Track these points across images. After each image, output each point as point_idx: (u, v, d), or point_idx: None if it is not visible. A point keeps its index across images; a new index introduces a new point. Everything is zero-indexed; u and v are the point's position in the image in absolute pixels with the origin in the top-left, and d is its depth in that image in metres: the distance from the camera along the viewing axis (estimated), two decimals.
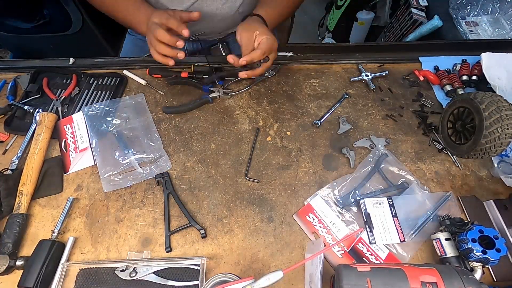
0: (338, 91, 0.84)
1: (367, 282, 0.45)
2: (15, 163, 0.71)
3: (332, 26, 2.09)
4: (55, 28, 1.58)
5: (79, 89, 0.83)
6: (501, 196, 0.69)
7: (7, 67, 0.89)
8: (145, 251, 0.62)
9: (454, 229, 0.58)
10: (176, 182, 0.70)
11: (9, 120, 0.78)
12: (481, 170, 0.72)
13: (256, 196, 0.68)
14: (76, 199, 0.68)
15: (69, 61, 0.87)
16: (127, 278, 0.58)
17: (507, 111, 0.59)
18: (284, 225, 0.65)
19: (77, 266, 0.60)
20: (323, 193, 0.68)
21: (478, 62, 0.85)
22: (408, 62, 0.90)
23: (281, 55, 0.88)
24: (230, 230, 0.64)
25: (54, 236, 0.61)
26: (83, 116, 0.77)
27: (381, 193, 0.68)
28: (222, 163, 0.72)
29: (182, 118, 0.79)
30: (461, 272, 0.47)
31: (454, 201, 0.67)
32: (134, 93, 0.83)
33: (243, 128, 0.78)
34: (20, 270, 0.58)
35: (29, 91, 0.82)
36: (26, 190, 0.66)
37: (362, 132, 0.77)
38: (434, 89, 0.85)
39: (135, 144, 0.74)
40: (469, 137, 0.66)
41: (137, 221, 0.65)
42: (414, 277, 0.45)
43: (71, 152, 0.73)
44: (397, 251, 0.62)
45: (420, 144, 0.76)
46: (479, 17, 1.43)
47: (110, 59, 0.90)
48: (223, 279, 0.51)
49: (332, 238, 0.64)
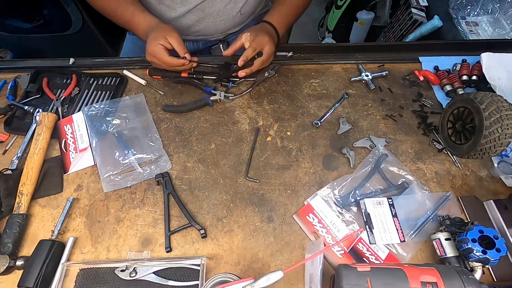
0: (338, 91, 0.84)
1: (367, 282, 0.45)
2: (15, 163, 0.71)
3: (332, 26, 2.08)
4: (55, 28, 1.58)
5: (79, 89, 0.83)
6: (501, 196, 0.69)
7: (7, 67, 0.89)
8: (145, 251, 0.62)
9: (454, 229, 0.58)
10: (176, 182, 0.70)
11: (9, 120, 0.78)
12: (481, 170, 0.72)
13: (256, 196, 0.68)
14: (76, 199, 0.68)
15: (69, 61, 0.88)
16: (127, 278, 0.58)
17: (507, 111, 0.59)
18: (284, 225, 0.65)
19: (77, 266, 0.60)
20: (323, 193, 0.68)
21: (478, 62, 0.85)
22: (408, 62, 0.90)
23: (281, 55, 0.88)
24: (230, 230, 0.64)
25: (54, 236, 0.61)
26: (83, 116, 0.77)
27: (381, 193, 0.68)
28: (222, 163, 0.72)
29: (182, 118, 0.79)
30: (461, 272, 0.47)
31: (454, 201, 0.67)
32: (134, 93, 0.83)
33: (243, 128, 0.78)
34: (20, 270, 0.58)
35: (29, 91, 0.82)
36: (26, 190, 0.66)
37: (362, 132, 0.77)
38: (434, 89, 0.85)
39: (135, 144, 0.74)
40: (469, 137, 0.66)
41: (137, 221, 0.65)
42: (414, 277, 0.45)
43: (71, 152, 0.73)
44: (397, 251, 0.62)
45: (420, 144, 0.76)
46: (479, 17, 1.42)
47: (110, 59, 0.90)
48: (223, 279, 0.51)
49: (332, 238, 0.64)
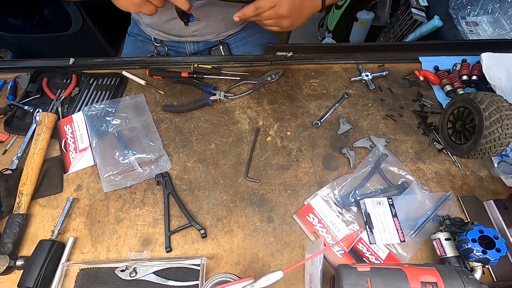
0: (338, 91, 0.84)
1: (367, 282, 0.45)
2: (15, 163, 0.71)
3: (332, 26, 2.08)
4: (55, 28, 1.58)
5: (79, 89, 0.83)
6: (501, 196, 0.69)
7: (7, 67, 0.89)
8: (145, 251, 0.62)
9: (454, 229, 0.58)
10: (176, 182, 0.70)
11: (9, 120, 0.78)
12: (481, 170, 0.72)
13: (256, 196, 0.68)
14: (76, 199, 0.68)
15: (69, 61, 0.87)
16: (127, 278, 0.58)
17: (507, 111, 0.59)
18: (284, 225, 0.65)
19: (77, 266, 0.60)
20: (323, 193, 0.68)
21: (478, 62, 0.85)
22: (408, 62, 0.90)
23: (281, 55, 0.88)
24: (230, 230, 0.64)
25: (54, 236, 0.61)
26: (83, 116, 0.77)
27: (381, 193, 0.68)
28: (222, 163, 0.72)
29: (182, 118, 0.79)
30: (461, 272, 0.47)
31: (454, 201, 0.67)
32: (134, 93, 0.83)
33: (243, 128, 0.78)
34: (20, 270, 0.58)
35: (29, 91, 0.82)
36: (26, 190, 0.66)
37: (362, 132, 0.77)
38: (434, 89, 0.85)
39: (135, 144, 0.74)
40: (469, 137, 0.66)
41: (137, 221, 0.65)
42: (414, 277, 0.45)
43: (71, 152, 0.73)
44: (397, 251, 0.62)
45: (420, 144, 0.76)
46: (479, 17, 1.42)
47: (110, 59, 0.90)
48: (223, 279, 0.51)
49: (332, 238, 0.64)
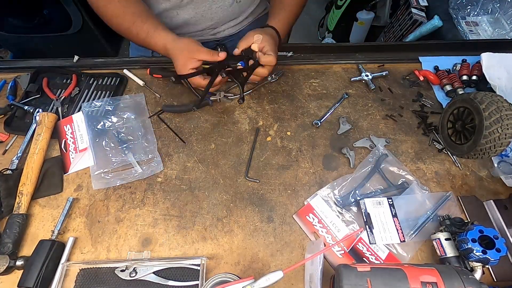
0: (338, 91, 0.84)
1: (367, 282, 0.45)
2: (15, 163, 0.71)
3: (332, 26, 2.08)
4: (55, 28, 1.59)
5: (79, 89, 0.83)
6: (501, 196, 0.69)
7: (7, 67, 0.89)
8: (145, 251, 0.62)
9: (454, 229, 0.58)
10: (176, 182, 0.70)
11: (9, 120, 0.78)
12: (481, 170, 0.72)
13: (256, 196, 0.68)
14: (76, 199, 0.68)
15: (74, 58, 0.87)
16: (127, 278, 0.58)
17: (507, 111, 0.59)
18: (284, 225, 0.65)
19: (77, 266, 0.60)
20: (323, 193, 0.68)
21: (478, 62, 0.85)
22: (408, 62, 0.90)
23: (281, 55, 0.88)
24: (230, 230, 0.64)
25: (54, 236, 0.61)
26: (83, 116, 0.77)
27: (381, 193, 0.68)
28: (222, 163, 0.72)
29: (182, 118, 0.79)
30: (461, 272, 0.47)
31: (454, 201, 0.67)
32: (134, 93, 0.83)
33: (243, 128, 0.78)
34: (20, 270, 0.58)
35: (29, 91, 0.82)
36: (26, 190, 0.66)
37: (362, 132, 0.77)
38: (434, 89, 0.85)
39: (130, 143, 0.74)
40: (469, 137, 0.66)
41: (137, 221, 0.65)
42: (414, 277, 0.45)
43: (71, 152, 0.73)
44: (397, 251, 0.62)
45: (420, 144, 0.76)
46: (479, 17, 1.43)
47: (110, 59, 0.90)
48: (223, 279, 0.51)
49: (332, 238, 0.64)
